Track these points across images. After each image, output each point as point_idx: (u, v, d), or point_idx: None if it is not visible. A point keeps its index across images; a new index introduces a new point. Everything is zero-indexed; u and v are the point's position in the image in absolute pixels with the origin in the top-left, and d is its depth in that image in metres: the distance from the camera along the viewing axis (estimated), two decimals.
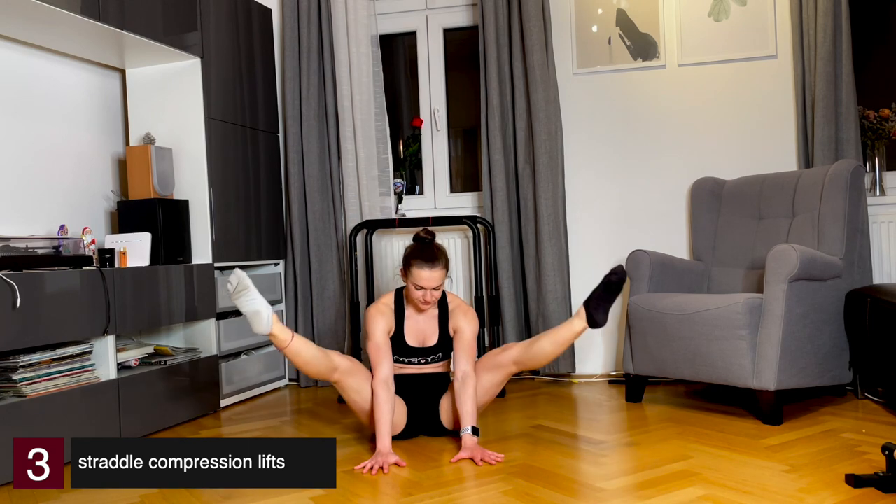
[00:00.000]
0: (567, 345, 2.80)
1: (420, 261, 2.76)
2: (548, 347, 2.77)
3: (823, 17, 3.58)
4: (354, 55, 4.06)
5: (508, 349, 2.86)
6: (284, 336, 2.63)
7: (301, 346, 2.68)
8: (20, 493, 2.46)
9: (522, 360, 2.82)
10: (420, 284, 2.77)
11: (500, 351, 2.88)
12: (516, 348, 2.84)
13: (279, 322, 2.64)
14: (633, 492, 2.22)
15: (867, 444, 2.59)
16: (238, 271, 2.53)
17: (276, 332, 2.62)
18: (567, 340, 2.77)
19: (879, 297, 3.00)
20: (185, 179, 3.64)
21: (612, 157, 4.09)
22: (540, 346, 2.78)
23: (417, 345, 2.92)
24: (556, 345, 2.76)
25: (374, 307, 2.87)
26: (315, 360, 2.70)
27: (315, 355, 2.70)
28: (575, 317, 2.76)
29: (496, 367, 2.85)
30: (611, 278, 2.67)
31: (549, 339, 2.78)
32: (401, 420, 2.86)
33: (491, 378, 2.85)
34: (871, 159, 3.73)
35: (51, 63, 3.45)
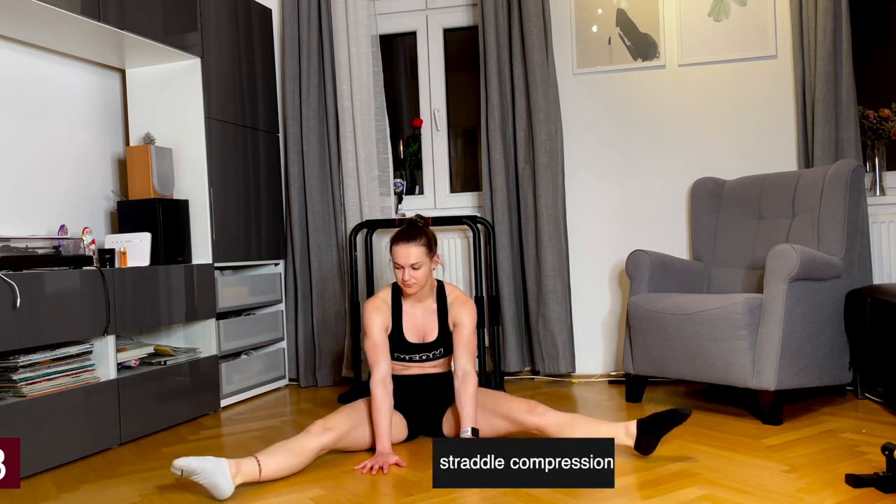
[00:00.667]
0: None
1: (397, 236, 2.73)
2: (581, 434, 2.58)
3: (823, 17, 3.58)
4: (354, 55, 4.06)
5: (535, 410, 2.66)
6: (253, 474, 2.39)
7: (274, 465, 2.43)
8: (20, 493, 2.46)
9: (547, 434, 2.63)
10: (397, 261, 2.72)
11: (526, 409, 2.67)
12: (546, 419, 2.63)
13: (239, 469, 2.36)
14: (633, 492, 2.22)
15: (867, 444, 2.59)
16: (176, 462, 2.29)
17: (244, 479, 2.37)
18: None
19: (879, 297, 3.00)
20: (185, 179, 3.64)
21: (612, 157, 4.09)
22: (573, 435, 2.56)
23: (417, 340, 2.86)
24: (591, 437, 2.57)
25: (370, 302, 2.83)
26: (299, 461, 2.50)
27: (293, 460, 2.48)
28: (623, 428, 2.56)
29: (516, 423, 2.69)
30: (679, 410, 2.51)
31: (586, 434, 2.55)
32: (399, 435, 2.82)
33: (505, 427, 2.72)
34: (871, 159, 3.73)
35: (51, 63, 3.45)
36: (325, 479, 2.46)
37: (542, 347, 3.95)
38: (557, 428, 2.62)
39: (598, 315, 4.09)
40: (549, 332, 3.92)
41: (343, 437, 2.62)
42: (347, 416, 2.68)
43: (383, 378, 2.69)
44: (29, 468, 2.62)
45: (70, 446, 2.79)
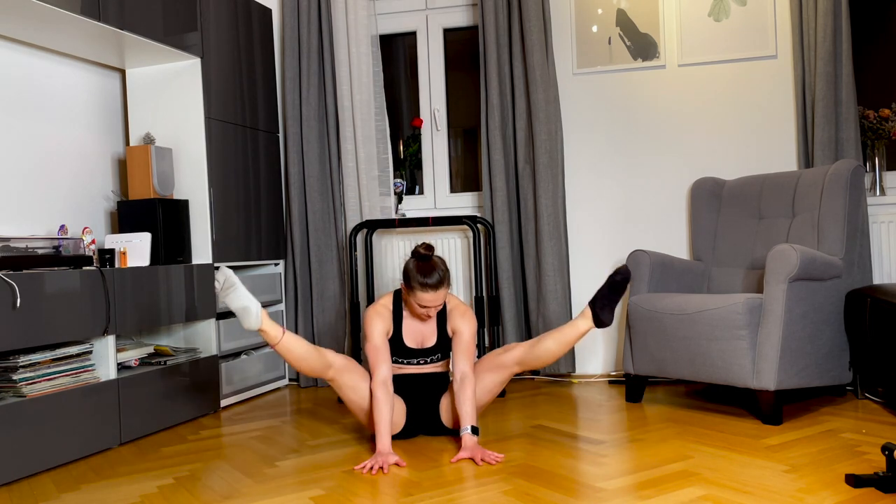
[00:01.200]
0: (572, 344, 2.79)
1: (423, 282, 2.74)
2: (552, 347, 2.76)
3: (823, 17, 3.58)
4: (354, 55, 4.06)
5: (511, 349, 2.85)
6: (275, 332, 2.62)
7: (293, 342, 2.66)
8: (20, 493, 2.46)
9: (526, 360, 2.82)
10: (424, 304, 2.78)
11: (503, 351, 2.87)
12: (520, 348, 2.83)
13: (269, 318, 2.63)
14: (633, 492, 2.22)
15: (867, 444, 2.60)
16: (224, 268, 2.52)
17: (266, 328, 2.60)
18: (572, 340, 2.76)
19: (879, 297, 3.00)
20: (185, 179, 3.64)
21: (612, 157, 4.09)
22: (544, 345, 2.77)
23: (416, 346, 2.92)
24: (561, 344, 2.76)
25: (372, 309, 2.86)
26: (308, 357, 2.68)
27: (308, 351, 2.68)
28: (580, 316, 2.76)
29: (498, 367, 2.85)
30: (615, 278, 2.67)
31: (554, 338, 2.77)
32: (400, 419, 2.87)
33: (493, 378, 2.86)
34: (871, 159, 3.73)
35: (51, 63, 3.45)
36: (325, 479, 2.46)
37: None
38: (530, 352, 2.80)
39: None
40: None
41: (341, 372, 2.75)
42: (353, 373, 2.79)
43: (384, 380, 2.72)
44: (29, 468, 2.62)
45: (70, 446, 2.79)
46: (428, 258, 2.80)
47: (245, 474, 2.57)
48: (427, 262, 2.79)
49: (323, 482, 2.43)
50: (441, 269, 2.78)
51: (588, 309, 2.75)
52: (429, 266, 2.77)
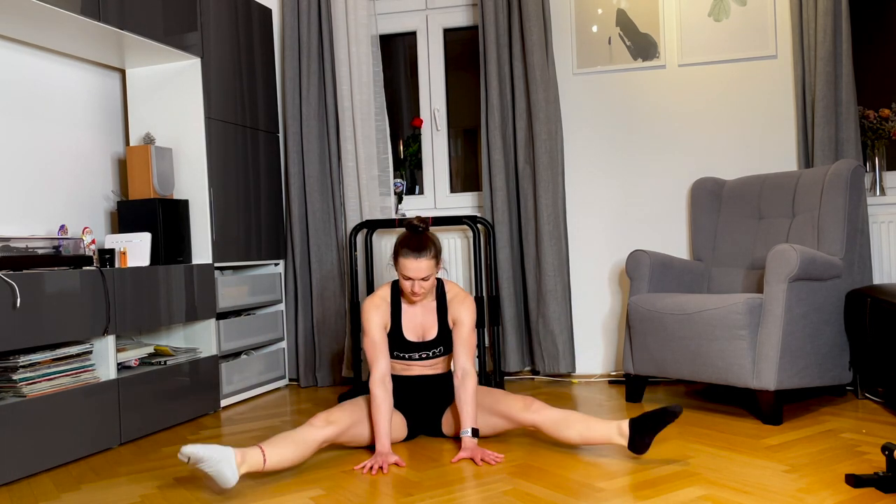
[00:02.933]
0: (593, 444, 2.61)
1: (407, 249, 2.70)
2: (574, 438, 2.61)
3: (823, 17, 3.58)
4: (354, 55, 4.06)
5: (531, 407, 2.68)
6: (257, 464, 2.39)
7: (278, 456, 2.43)
8: (20, 493, 2.46)
9: (542, 430, 2.68)
10: (407, 275, 2.71)
11: (523, 406, 2.69)
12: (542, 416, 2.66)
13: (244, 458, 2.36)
14: (633, 492, 2.22)
15: (867, 444, 2.60)
16: (183, 449, 2.26)
17: (248, 469, 2.37)
18: (597, 442, 2.59)
19: (879, 297, 3.00)
20: (185, 179, 3.64)
21: (612, 157, 4.09)
22: (568, 435, 2.61)
23: (417, 339, 2.86)
24: (584, 441, 2.60)
25: (369, 300, 2.82)
26: (300, 453, 2.49)
27: (296, 451, 2.47)
28: (616, 429, 2.55)
29: (512, 421, 2.72)
30: (669, 408, 2.48)
31: (580, 432, 2.59)
32: (399, 434, 2.85)
33: (501, 425, 2.76)
34: (871, 159, 3.73)
35: (51, 63, 3.45)
36: (325, 479, 2.46)
37: (542, 347, 3.95)
38: (552, 424, 2.64)
39: (598, 315, 4.10)
40: (549, 332, 3.92)
41: (344, 431, 2.63)
42: (350, 412, 2.68)
43: (382, 377, 2.69)
44: (29, 468, 2.62)
45: (70, 446, 2.79)
46: (417, 229, 2.75)
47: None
48: (415, 232, 2.75)
49: (323, 482, 2.43)
50: (430, 240, 2.73)
51: (627, 426, 2.53)
52: (418, 236, 2.73)
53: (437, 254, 2.74)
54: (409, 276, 2.71)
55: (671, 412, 2.45)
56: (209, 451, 2.27)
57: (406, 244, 2.72)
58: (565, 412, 2.65)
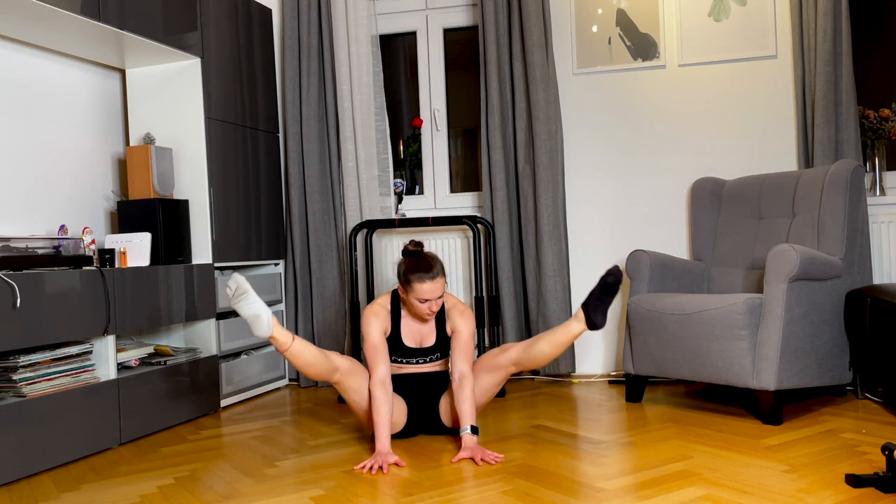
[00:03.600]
0: (566, 346, 2.79)
1: (419, 274, 2.75)
2: (546, 349, 2.77)
3: (823, 17, 3.58)
4: (354, 55, 4.06)
5: (507, 350, 2.86)
6: (285, 339, 2.63)
7: (302, 348, 2.67)
8: (20, 493, 2.46)
9: (521, 361, 2.83)
10: (424, 297, 2.76)
11: (499, 351, 2.87)
12: (515, 349, 2.84)
13: (279, 325, 2.64)
14: (633, 492, 2.22)
15: (867, 444, 2.60)
16: (236, 275, 2.51)
17: (277, 335, 2.61)
18: (565, 342, 2.77)
19: (879, 297, 3.00)
20: (185, 179, 3.64)
21: (613, 157, 4.09)
22: (539, 347, 2.78)
23: (415, 345, 2.92)
24: (555, 346, 2.77)
25: (369, 309, 2.86)
26: (315, 362, 2.69)
27: (315, 357, 2.69)
28: (573, 319, 2.76)
29: (495, 367, 2.86)
30: (607, 279, 2.67)
31: (548, 340, 2.78)
32: (400, 419, 2.87)
33: (490, 378, 2.86)
34: (871, 159, 3.73)
35: (51, 63, 3.45)
36: (325, 479, 2.46)
37: None
38: (525, 351, 2.81)
39: None
40: None
41: (349, 370, 2.76)
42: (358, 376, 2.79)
43: (383, 379, 2.72)
44: (29, 468, 2.62)
45: (70, 446, 2.79)
46: (419, 253, 2.81)
47: (245, 474, 2.57)
48: (418, 256, 2.80)
49: (323, 482, 2.43)
50: (434, 261, 2.80)
51: (581, 311, 2.74)
52: (422, 259, 2.79)
53: (444, 270, 2.83)
54: (427, 297, 2.77)
55: (609, 274, 2.65)
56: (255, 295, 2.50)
57: (416, 269, 2.76)
58: (532, 338, 2.84)
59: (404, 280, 2.78)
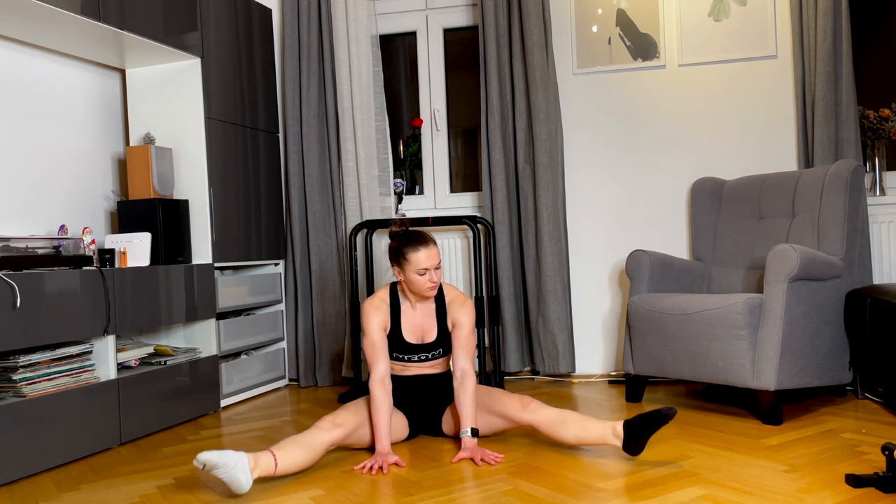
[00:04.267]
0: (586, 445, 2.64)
1: (413, 245, 2.73)
2: (569, 440, 2.62)
3: (823, 17, 3.58)
4: (354, 55, 4.06)
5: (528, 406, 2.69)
6: (269, 468, 2.39)
7: (289, 460, 2.44)
8: (20, 493, 2.46)
9: (539, 432, 2.72)
10: (422, 266, 2.72)
11: (520, 406, 2.70)
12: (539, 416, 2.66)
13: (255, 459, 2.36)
14: (633, 492, 2.22)
15: (867, 444, 2.60)
16: (199, 456, 2.27)
17: (261, 474, 2.37)
18: (592, 443, 2.60)
19: (879, 297, 3.00)
20: (185, 179, 3.64)
21: (613, 157, 4.09)
22: (563, 434, 2.62)
23: (416, 341, 2.87)
24: (579, 442, 2.60)
25: (369, 302, 2.82)
26: (310, 457, 2.50)
27: (306, 454, 2.48)
28: (612, 431, 2.55)
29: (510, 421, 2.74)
30: (662, 411, 2.48)
31: (576, 434, 2.60)
32: (400, 434, 2.86)
33: (499, 424, 2.78)
34: (871, 159, 3.73)
35: (51, 63, 3.45)
36: (325, 479, 2.46)
37: (542, 347, 3.96)
38: (549, 425, 2.65)
39: (598, 315, 4.10)
40: (549, 332, 3.92)
41: (351, 433, 2.64)
42: (354, 413, 2.69)
43: (382, 378, 2.70)
44: (29, 468, 2.62)
45: (70, 446, 2.79)
46: (406, 229, 2.80)
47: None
48: (406, 230, 2.79)
49: (323, 482, 2.43)
50: (422, 232, 2.78)
51: (621, 428, 2.53)
52: (410, 232, 2.77)
53: (434, 239, 2.80)
54: (425, 265, 2.72)
55: (664, 415, 2.45)
56: (224, 457, 2.26)
57: (408, 240, 2.75)
58: (562, 412, 2.65)
59: (399, 256, 2.75)
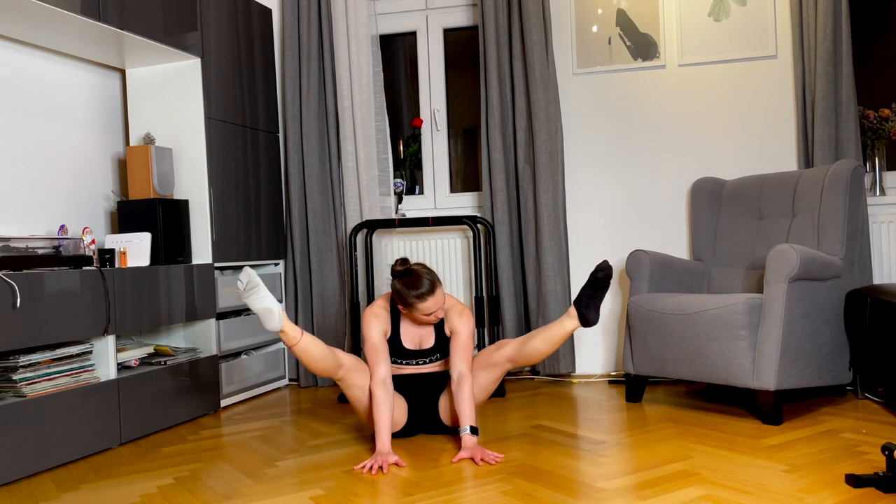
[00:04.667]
0: (560, 343, 2.79)
1: (418, 293, 2.74)
2: (541, 346, 2.78)
3: (823, 17, 3.58)
4: (354, 55, 4.06)
5: (502, 346, 2.86)
6: (294, 334, 2.63)
7: (310, 343, 2.67)
8: (20, 493, 2.46)
9: (516, 358, 2.84)
10: (429, 312, 2.78)
11: (495, 349, 2.88)
12: (510, 346, 2.84)
13: (289, 320, 2.64)
14: (633, 492, 2.22)
15: (867, 444, 2.59)
16: (248, 269, 2.51)
17: (287, 330, 2.61)
18: (559, 339, 2.77)
19: (879, 297, 3.00)
20: (185, 179, 3.64)
21: (613, 157, 4.09)
22: (533, 344, 2.79)
23: (414, 347, 2.92)
24: (549, 343, 2.77)
25: (369, 310, 2.87)
26: (322, 358, 2.69)
27: (322, 353, 2.69)
28: (566, 316, 2.76)
29: (491, 364, 2.86)
30: (597, 274, 2.66)
31: (542, 337, 2.77)
32: (401, 417, 2.87)
33: (486, 376, 2.87)
34: (871, 159, 3.73)
35: (51, 63, 3.45)
36: (325, 479, 2.46)
37: None
38: (519, 348, 2.81)
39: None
40: None
41: (350, 371, 2.76)
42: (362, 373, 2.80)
43: (383, 379, 2.72)
44: (29, 468, 2.62)
45: (70, 446, 2.79)
46: (410, 272, 2.79)
47: (245, 474, 2.57)
48: (410, 275, 2.78)
49: (323, 482, 2.43)
50: (427, 274, 2.78)
51: (573, 308, 2.74)
52: (415, 277, 2.77)
53: (437, 277, 2.82)
54: (432, 311, 2.78)
55: (599, 269, 2.62)
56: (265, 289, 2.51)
57: (413, 287, 2.75)
58: (526, 335, 2.83)
59: (405, 302, 2.78)
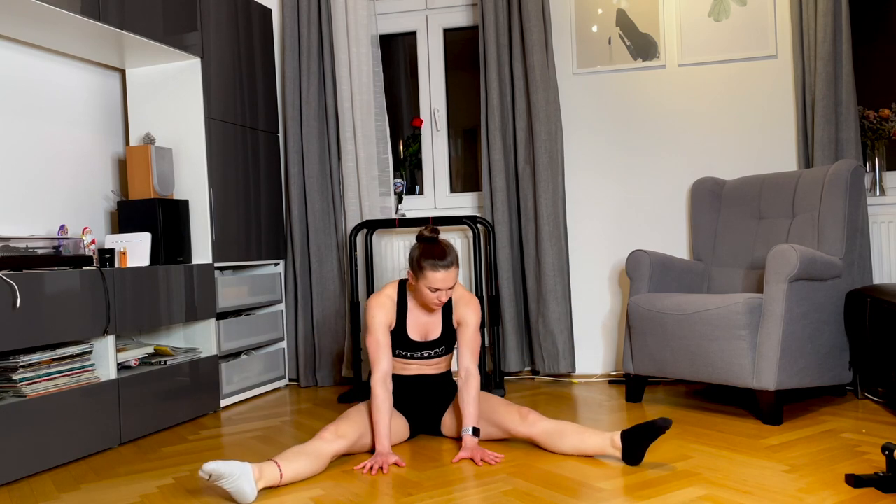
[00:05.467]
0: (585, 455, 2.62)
1: (433, 261, 2.64)
2: (569, 451, 2.62)
3: (823, 17, 3.58)
4: (354, 55, 4.06)
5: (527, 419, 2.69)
6: (274, 478, 2.38)
7: (294, 470, 2.42)
8: (20, 493, 2.46)
9: (537, 442, 2.69)
10: (435, 286, 2.66)
11: (519, 418, 2.70)
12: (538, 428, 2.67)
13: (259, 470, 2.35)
14: (633, 492, 2.22)
15: (867, 444, 2.60)
16: (205, 466, 2.24)
17: (266, 484, 2.35)
18: (591, 454, 2.60)
19: (879, 297, 3.00)
20: (185, 179, 3.64)
21: (613, 157, 4.09)
22: (560, 444, 2.63)
23: (420, 338, 2.84)
24: (578, 452, 2.60)
25: (375, 298, 2.78)
26: (315, 466, 2.49)
27: (311, 463, 2.47)
28: (610, 442, 2.55)
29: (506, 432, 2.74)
30: (657, 422, 2.46)
31: (574, 444, 2.60)
32: (400, 437, 2.85)
33: (496, 433, 2.78)
34: (871, 159, 3.73)
35: (51, 63, 3.45)
36: (325, 479, 2.46)
37: (542, 347, 3.96)
38: (546, 437, 2.65)
39: (598, 315, 4.10)
40: (549, 332, 3.92)
41: (354, 443, 2.64)
42: (356, 423, 2.68)
43: (384, 377, 2.69)
44: (29, 468, 2.62)
45: (70, 446, 2.79)
46: (434, 240, 2.70)
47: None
48: (434, 242, 2.69)
49: (323, 482, 2.43)
50: (450, 246, 2.69)
51: (618, 439, 2.52)
52: (437, 247, 2.68)
53: (458, 260, 2.72)
54: (438, 287, 2.67)
55: (659, 427, 2.44)
56: (229, 467, 2.24)
57: (430, 256, 2.66)
58: (560, 423, 2.65)
59: (416, 266, 2.68)
